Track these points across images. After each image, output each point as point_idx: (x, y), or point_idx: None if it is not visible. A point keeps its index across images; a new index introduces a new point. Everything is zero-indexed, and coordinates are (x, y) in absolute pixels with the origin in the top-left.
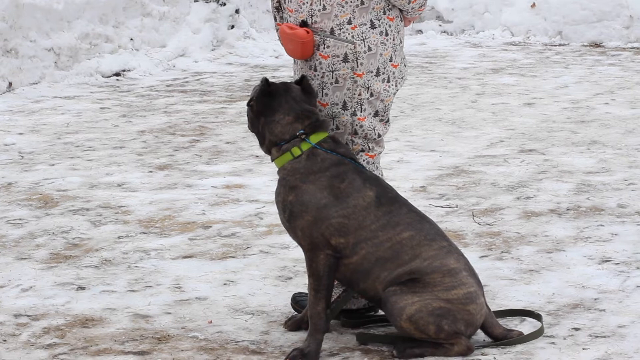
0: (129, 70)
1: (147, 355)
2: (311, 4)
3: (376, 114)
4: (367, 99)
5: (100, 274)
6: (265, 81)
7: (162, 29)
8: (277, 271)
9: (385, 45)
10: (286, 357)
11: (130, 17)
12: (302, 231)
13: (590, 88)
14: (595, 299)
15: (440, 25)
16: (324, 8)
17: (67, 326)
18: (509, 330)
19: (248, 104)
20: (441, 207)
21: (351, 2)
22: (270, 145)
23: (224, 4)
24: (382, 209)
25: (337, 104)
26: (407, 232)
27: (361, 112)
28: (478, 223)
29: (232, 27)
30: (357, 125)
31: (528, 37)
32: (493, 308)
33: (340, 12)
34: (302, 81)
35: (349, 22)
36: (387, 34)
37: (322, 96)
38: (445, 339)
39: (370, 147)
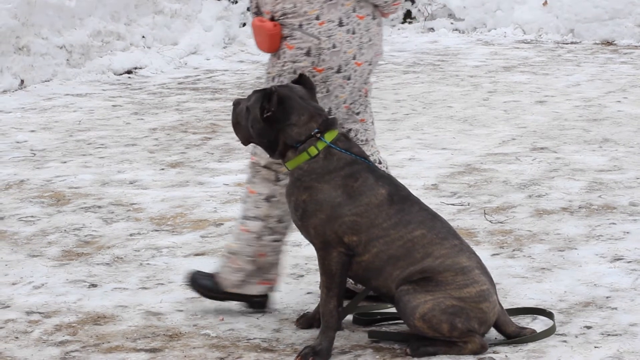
0: (140, 68)
1: (159, 352)
2: (283, 3)
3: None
4: (324, 94)
5: (112, 271)
6: (273, 89)
7: (174, 27)
8: (289, 269)
9: (351, 43)
10: (298, 355)
11: (142, 14)
12: (315, 229)
13: (602, 86)
14: (607, 297)
15: (452, 23)
16: (294, 5)
17: (79, 323)
18: (521, 328)
19: (262, 116)
20: (453, 205)
21: None
22: (285, 149)
23: (236, 2)
24: (394, 207)
25: None
26: (418, 231)
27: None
28: (490, 221)
29: (244, 24)
30: None
31: (540, 35)
32: (505, 306)
33: (309, 8)
34: (302, 78)
35: (317, 18)
36: (354, 32)
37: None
38: (458, 337)
39: None
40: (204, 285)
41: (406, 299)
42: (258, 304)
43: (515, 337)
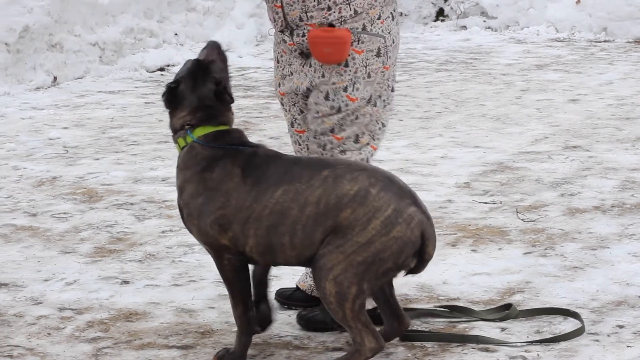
0: (173, 65)
1: (191, 349)
2: (340, 12)
3: (385, 106)
4: (386, 90)
5: (144, 268)
6: (169, 88)
7: (207, 24)
8: None
9: (399, 34)
10: (214, 356)
11: (175, 11)
12: (197, 235)
13: (635, 85)
14: None
15: (484, 21)
16: (355, 12)
17: (111, 320)
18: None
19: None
20: (485, 203)
21: None
22: (171, 130)
23: None
24: (248, 182)
25: (365, 98)
26: (278, 190)
27: (380, 103)
28: (522, 219)
29: None
30: (374, 117)
31: (573, 34)
32: (536, 305)
33: (371, 10)
34: (218, 87)
35: (379, 18)
36: (398, 24)
37: (353, 91)
38: (357, 313)
39: (375, 139)
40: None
41: (322, 262)
42: None
43: (427, 257)
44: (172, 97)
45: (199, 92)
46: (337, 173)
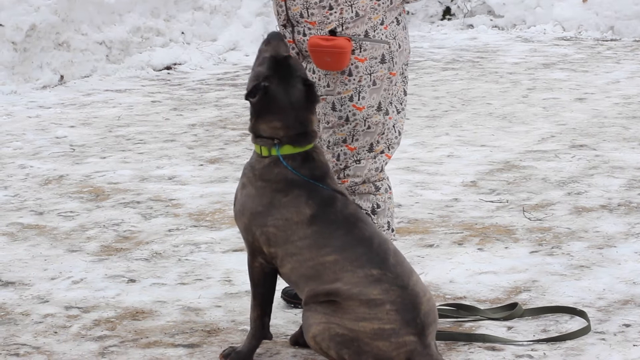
0: (180, 64)
1: (197, 348)
2: (341, 13)
3: (399, 112)
4: (396, 94)
5: (150, 266)
6: (264, 87)
7: (213, 23)
8: None
9: (406, 39)
10: (221, 354)
11: (182, 10)
12: (242, 231)
13: None
14: None
15: (491, 20)
16: (357, 15)
17: (118, 318)
18: None
19: (246, 97)
20: (492, 202)
21: (383, 3)
22: (251, 130)
23: None
24: (312, 228)
25: (373, 106)
26: (332, 256)
27: (391, 111)
28: (529, 218)
29: None
30: (388, 124)
31: (580, 32)
32: (543, 303)
33: (373, 14)
34: (309, 88)
35: (382, 23)
36: (405, 28)
37: (359, 100)
38: None
39: (391, 148)
40: None
41: (306, 315)
42: None
43: None
44: (264, 98)
45: (290, 95)
46: (384, 279)
